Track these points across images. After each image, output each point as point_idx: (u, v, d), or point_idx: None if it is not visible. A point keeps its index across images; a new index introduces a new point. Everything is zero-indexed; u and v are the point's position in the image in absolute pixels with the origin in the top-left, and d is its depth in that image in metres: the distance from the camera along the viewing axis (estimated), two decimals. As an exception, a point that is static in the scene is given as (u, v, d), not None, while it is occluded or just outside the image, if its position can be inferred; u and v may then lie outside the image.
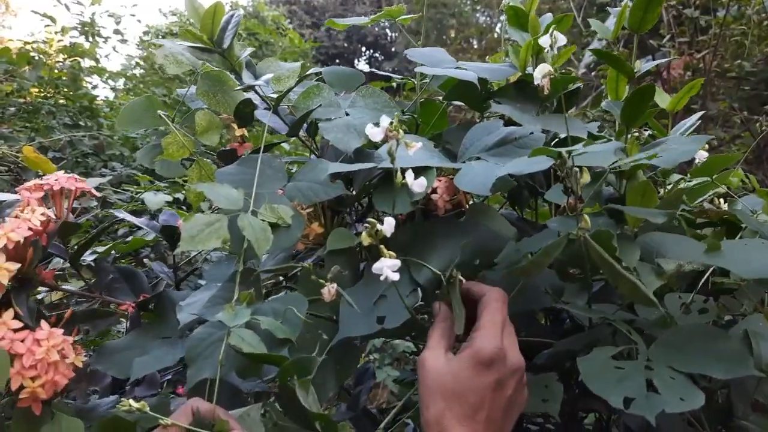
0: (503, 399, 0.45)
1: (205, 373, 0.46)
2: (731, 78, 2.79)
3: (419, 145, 0.45)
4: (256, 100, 0.66)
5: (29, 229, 0.55)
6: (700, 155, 0.75)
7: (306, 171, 0.58)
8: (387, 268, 0.43)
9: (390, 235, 0.43)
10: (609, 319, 0.52)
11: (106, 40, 3.29)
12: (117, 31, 3.42)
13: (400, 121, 0.46)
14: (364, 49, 15.69)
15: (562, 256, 0.48)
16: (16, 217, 0.56)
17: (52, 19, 2.90)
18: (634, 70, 0.69)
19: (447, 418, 0.43)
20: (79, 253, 0.66)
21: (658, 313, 0.53)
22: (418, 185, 0.43)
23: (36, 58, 2.56)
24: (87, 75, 2.97)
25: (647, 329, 0.51)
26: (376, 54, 15.76)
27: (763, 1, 2.65)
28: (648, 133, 0.85)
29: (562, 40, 0.47)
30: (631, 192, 0.60)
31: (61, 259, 0.68)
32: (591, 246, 0.46)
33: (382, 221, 0.44)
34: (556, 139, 0.66)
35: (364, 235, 0.43)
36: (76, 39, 3.01)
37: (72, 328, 0.59)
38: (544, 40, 0.47)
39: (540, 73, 0.46)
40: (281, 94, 0.64)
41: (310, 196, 0.55)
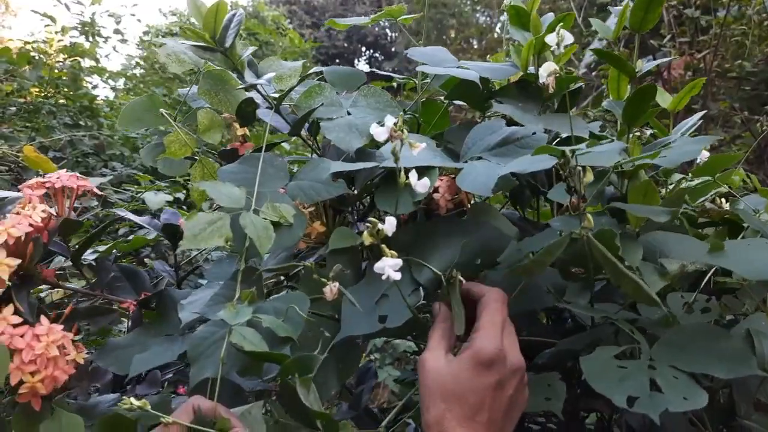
0: (504, 399, 0.44)
1: (208, 371, 0.46)
2: (732, 78, 2.79)
3: (423, 145, 0.45)
4: (257, 99, 0.66)
5: (30, 225, 0.55)
6: (702, 155, 0.75)
7: (308, 170, 0.58)
8: (389, 267, 0.43)
9: (391, 234, 0.43)
10: (611, 318, 0.51)
11: (106, 40, 3.29)
12: (117, 31, 3.42)
13: (403, 121, 0.46)
14: (364, 49, 15.68)
15: (564, 256, 0.48)
16: (17, 213, 0.56)
17: (52, 18, 2.90)
18: (636, 70, 0.69)
19: (447, 420, 0.43)
20: (80, 251, 0.66)
21: (661, 313, 0.53)
22: (421, 185, 0.43)
23: (36, 58, 2.56)
24: (87, 75, 2.97)
25: (650, 329, 0.51)
26: (376, 54, 15.76)
27: (764, 2, 2.65)
28: (649, 132, 0.85)
29: (569, 38, 0.47)
30: (633, 191, 0.60)
31: (63, 258, 0.68)
32: (594, 245, 0.46)
33: (383, 220, 0.44)
34: (557, 138, 0.66)
35: (366, 234, 0.43)
36: (76, 39, 3.01)
37: (72, 324, 0.59)
38: (551, 38, 0.46)
39: (546, 72, 0.46)
40: (284, 92, 0.64)
41: (312, 195, 0.55)
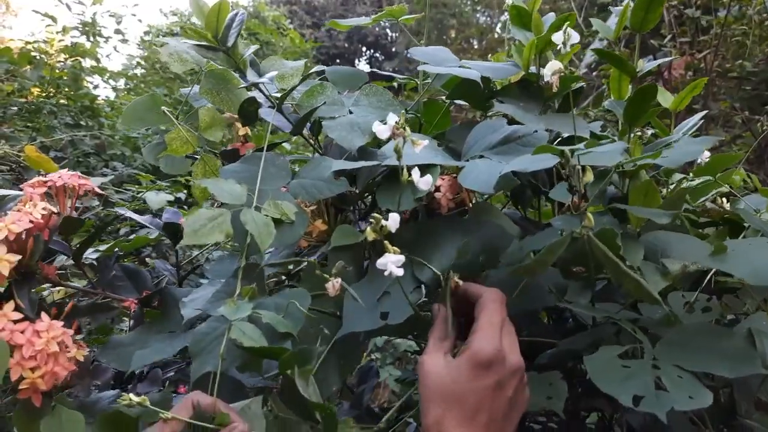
0: (503, 400, 0.44)
1: (209, 366, 0.46)
2: (732, 78, 2.79)
3: (425, 143, 0.45)
4: (259, 99, 0.66)
5: (30, 222, 0.55)
6: (703, 155, 0.75)
7: (310, 168, 0.58)
8: (391, 263, 0.43)
9: (394, 231, 0.43)
10: (614, 318, 0.51)
11: (107, 40, 3.29)
12: (118, 31, 3.42)
13: (405, 120, 0.46)
14: (364, 49, 15.68)
15: (565, 255, 0.48)
16: (18, 210, 0.56)
17: (53, 18, 2.90)
18: (636, 70, 0.69)
19: (447, 421, 0.43)
20: (81, 249, 0.66)
21: (662, 312, 0.53)
22: (424, 183, 0.43)
23: (37, 58, 2.56)
24: (88, 75, 2.97)
25: (651, 328, 0.51)
26: (377, 54, 15.76)
27: (764, 1, 2.65)
28: (651, 132, 0.85)
29: (576, 37, 0.47)
30: (634, 191, 0.60)
31: (65, 257, 0.68)
32: (595, 244, 0.46)
33: (386, 218, 0.44)
34: (558, 138, 0.66)
35: (369, 230, 0.43)
36: (77, 39, 3.01)
37: (73, 321, 0.59)
38: (557, 37, 0.46)
39: (550, 70, 0.46)
40: (286, 91, 0.64)
41: (314, 194, 0.55)
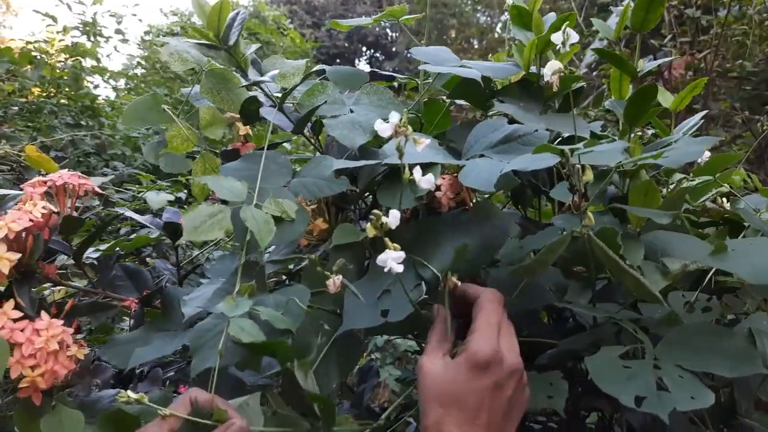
0: (502, 401, 0.44)
1: (210, 362, 0.46)
2: (732, 78, 2.79)
3: (427, 141, 0.45)
4: (260, 98, 0.66)
5: (30, 220, 0.55)
6: (703, 155, 0.75)
7: (311, 167, 0.58)
8: (392, 259, 0.43)
9: (395, 227, 0.43)
10: (615, 318, 0.51)
11: (107, 40, 3.29)
12: (118, 31, 3.41)
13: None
14: (364, 48, 15.68)
15: (566, 254, 0.48)
16: (18, 209, 0.56)
17: (53, 18, 2.90)
18: (637, 70, 0.69)
19: (446, 423, 0.43)
20: (82, 249, 0.66)
21: (663, 312, 0.53)
22: (426, 182, 0.43)
23: (38, 58, 2.56)
24: (89, 74, 2.97)
25: (652, 328, 0.51)
26: (377, 54, 15.76)
27: (765, 1, 2.65)
28: (651, 132, 0.85)
29: (575, 37, 0.47)
30: (634, 191, 0.60)
31: (66, 257, 0.68)
32: (595, 243, 0.46)
33: (386, 215, 0.44)
34: (558, 138, 0.66)
35: (370, 226, 0.43)
36: (77, 39, 3.01)
37: (72, 320, 0.59)
38: (557, 37, 0.46)
39: (550, 70, 0.46)
40: (287, 90, 0.64)
41: (315, 192, 0.55)
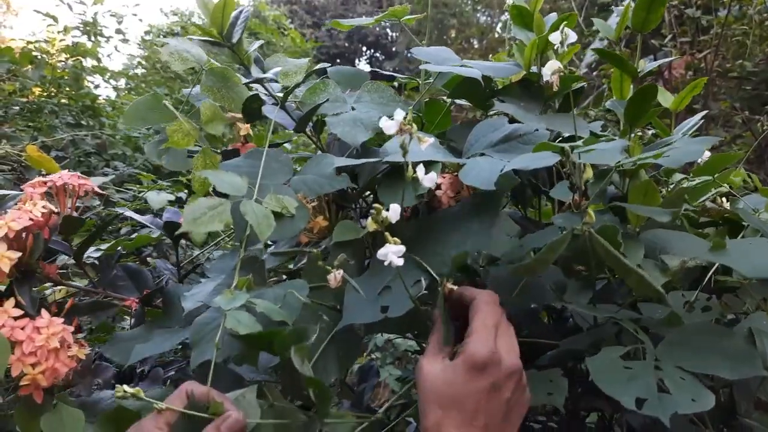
0: (501, 403, 0.44)
1: (208, 354, 0.46)
2: (732, 78, 2.79)
3: (432, 140, 0.45)
4: (262, 96, 0.66)
5: (30, 219, 0.55)
6: (703, 154, 0.75)
7: (312, 165, 0.58)
8: (392, 253, 0.43)
9: (395, 221, 0.43)
10: (615, 318, 0.51)
11: (108, 40, 3.29)
12: (119, 31, 3.41)
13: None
14: (365, 48, 15.69)
15: (566, 253, 0.48)
16: (18, 209, 0.57)
17: (54, 18, 2.90)
18: (638, 70, 0.69)
19: (445, 425, 0.43)
20: (82, 249, 0.66)
21: (663, 312, 0.53)
22: (428, 180, 0.43)
23: (38, 58, 2.55)
24: (89, 74, 2.97)
25: (652, 328, 0.51)
26: (377, 54, 15.76)
27: (765, 1, 2.65)
28: (651, 132, 0.85)
29: (573, 36, 0.47)
30: (634, 191, 0.61)
31: (67, 257, 0.68)
32: (596, 240, 0.46)
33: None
34: (559, 138, 0.66)
35: (370, 220, 0.43)
36: (78, 38, 3.01)
37: (73, 318, 0.60)
38: (555, 37, 0.47)
39: (550, 70, 0.46)
40: (289, 88, 0.64)
41: (316, 189, 0.55)
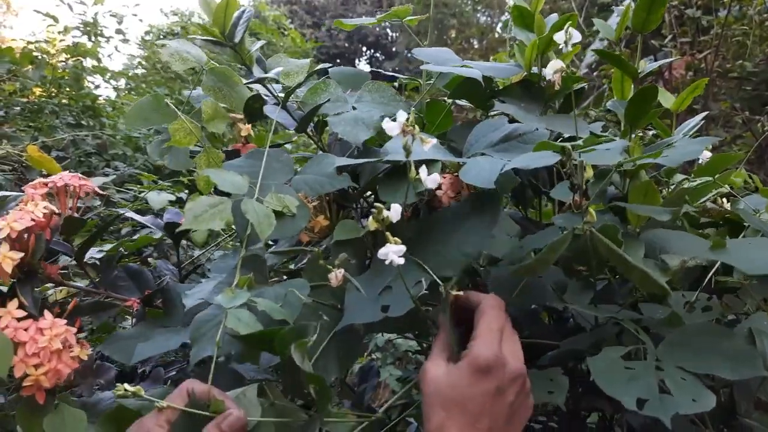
0: (504, 406, 0.44)
1: (208, 351, 0.46)
2: (733, 78, 2.79)
3: (434, 141, 0.45)
4: (263, 96, 0.66)
5: (32, 220, 0.55)
6: (704, 155, 0.75)
7: (313, 164, 0.58)
8: (392, 253, 0.43)
9: (396, 221, 0.43)
10: (617, 318, 0.52)
11: (108, 40, 3.29)
12: (119, 31, 3.41)
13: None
14: (365, 48, 15.69)
15: (567, 253, 0.48)
16: (20, 209, 0.57)
17: (54, 18, 2.90)
18: (638, 71, 0.69)
19: (448, 428, 0.43)
20: (83, 249, 0.66)
21: (663, 312, 0.54)
22: (431, 181, 0.43)
23: (39, 58, 2.56)
24: (89, 74, 2.97)
25: (653, 328, 0.51)
26: (377, 54, 15.76)
27: (765, 2, 2.65)
28: (652, 133, 0.85)
29: (577, 36, 0.47)
30: (634, 191, 0.61)
31: (68, 258, 0.68)
32: (598, 239, 0.46)
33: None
34: (559, 138, 0.66)
35: (371, 220, 0.44)
36: (78, 39, 3.01)
37: (75, 319, 0.60)
38: (559, 36, 0.47)
39: (552, 69, 0.46)
40: (291, 88, 0.64)
41: (317, 188, 0.56)
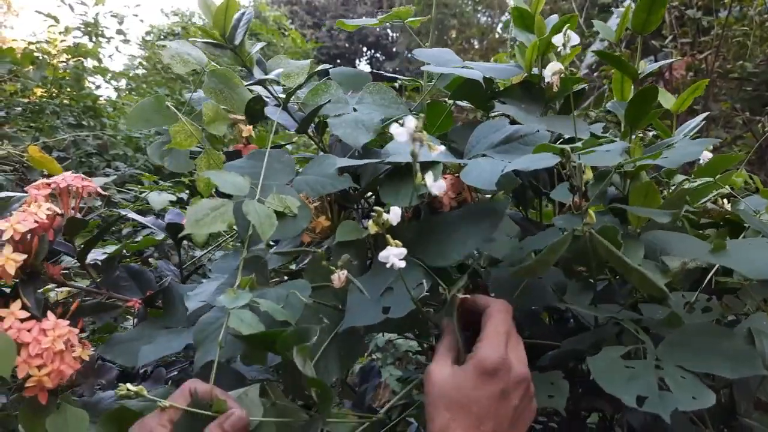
0: (509, 409, 0.44)
1: (213, 354, 0.46)
2: (733, 79, 2.79)
3: (442, 148, 0.45)
4: (263, 97, 0.66)
5: (35, 221, 0.56)
6: (704, 156, 0.75)
7: (314, 165, 0.58)
8: (393, 255, 0.43)
9: (395, 224, 0.44)
10: (617, 318, 0.52)
11: (109, 41, 3.29)
12: (120, 32, 3.41)
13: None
14: (365, 49, 15.69)
15: (567, 254, 0.48)
16: (23, 211, 0.57)
17: (55, 19, 2.91)
18: (639, 71, 0.70)
19: (452, 430, 0.43)
20: (86, 250, 0.66)
21: (663, 313, 0.54)
22: (437, 187, 0.43)
23: (40, 58, 2.56)
24: (90, 75, 2.98)
25: (653, 328, 0.52)
26: (378, 54, 15.77)
27: (765, 2, 2.65)
28: (653, 133, 0.85)
29: (575, 39, 0.47)
30: (634, 192, 0.61)
31: (71, 258, 0.68)
32: (597, 240, 0.46)
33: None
34: (559, 139, 0.66)
35: (371, 223, 0.44)
36: (79, 39, 3.01)
37: (78, 320, 0.60)
38: (557, 39, 0.47)
39: (551, 71, 0.46)
40: (292, 89, 0.64)
41: (318, 189, 0.56)
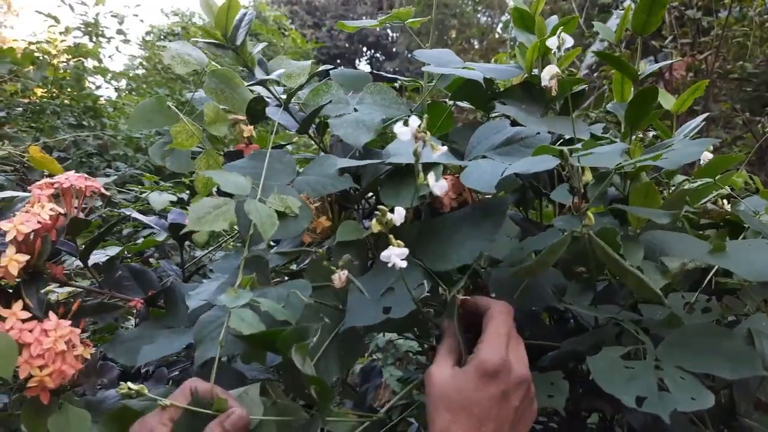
0: (509, 411, 0.44)
1: (212, 352, 0.46)
2: (733, 79, 2.79)
3: (444, 149, 0.45)
4: (264, 98, 0.67)
5: (38, 222, 0.56)
6: (704, 156, 0.76)
7: (315, 165, 0.59)
8: (395, 255, 0.43)
9: (399, 224, 0.44)
10: (617, 319, 0.52)
11: (109, 41, 3.29)
12: (120, 32, 3.41)
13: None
14: (365, 49, 15.69)
15: (567, 255, 0.48)
16: (27, 211, 0.57)
17: (55, 19, 2.91)
18: (639, 72, 0.70)
19: (453, 431, 0.43)
20: (88, 249, 0.67)
21: (663, 313, 0.54)
22: (439, 188, 0.44)
23: (40, 59, 2.56)
24: (91, 75, 2.98)
25: (652, 329, 0.52)
26: (378, 54, 15.77)
27: (765, 3, 2.65)
28: (653, 134, 0.85)
29: (570, 41, 0.47)
30: (634, 193, 0.61)
31: (73, 258, 0.69)
32: (595, 242, 0.47)
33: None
34: (560, 140, 0.66)
35: (374, 222, 0.44)
36: (79, 39, 3.01)
37: (79, 320, 0.60)
38: (552, 42, 0.47)
39: (548, 75, 0.46)
40: (293, 90, 0.64)
41: (319, 189, 0.56)
